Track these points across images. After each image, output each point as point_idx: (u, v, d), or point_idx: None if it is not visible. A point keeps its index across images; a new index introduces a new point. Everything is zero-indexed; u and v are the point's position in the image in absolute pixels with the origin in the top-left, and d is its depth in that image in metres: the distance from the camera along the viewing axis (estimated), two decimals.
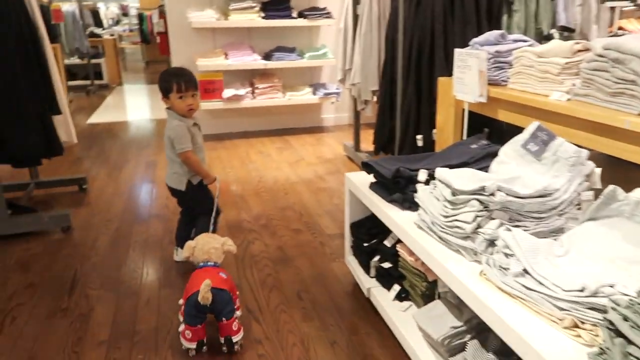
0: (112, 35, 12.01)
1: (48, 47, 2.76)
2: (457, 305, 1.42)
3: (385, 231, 1.76)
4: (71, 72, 8.32)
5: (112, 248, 2.44)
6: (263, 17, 4.35)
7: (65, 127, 2.92)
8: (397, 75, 2.36)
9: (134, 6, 15.07)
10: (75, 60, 8.06)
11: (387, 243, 1.78)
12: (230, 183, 3.38)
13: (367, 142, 4.33)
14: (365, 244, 1.92)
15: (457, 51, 1.93)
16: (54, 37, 6.75)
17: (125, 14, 16.96)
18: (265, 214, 2.85)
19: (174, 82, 1.98)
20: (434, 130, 2.27)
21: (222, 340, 1.63)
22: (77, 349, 1.70)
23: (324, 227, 2.67)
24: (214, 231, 2.02)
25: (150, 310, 1.92)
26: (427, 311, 1.48)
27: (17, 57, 2.34)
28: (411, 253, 1.57)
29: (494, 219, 1.23)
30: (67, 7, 7.22)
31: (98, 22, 9.78)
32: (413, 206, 1.50)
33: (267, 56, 4.55)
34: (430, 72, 2.28)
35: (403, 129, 2.30)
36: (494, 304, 1.08)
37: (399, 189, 1.58)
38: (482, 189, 1.23)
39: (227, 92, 4.37)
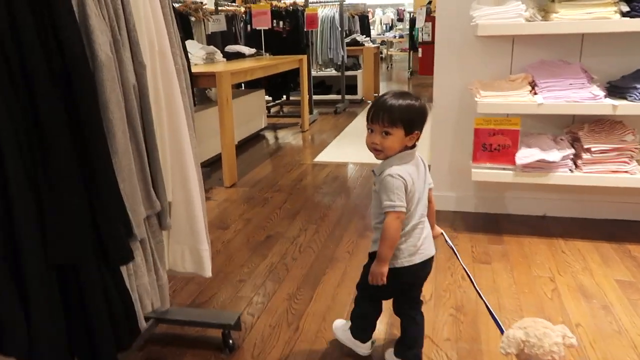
0: (382, 43, 11.17)
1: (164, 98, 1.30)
2: None
3: None
4: (325, 85, 7.45)
5: None
6: (626, 15, 2.17)
7: (191, 244, 1.44)
8: None
9: (410, 11, 14.06)
10: (331, 71, 7.11)
11: None
12: None
13: None
14: None
15: None
16: (304, 47, 5.80)
17: (400, 19, 16.25)
18: None
19: None
20: None
21: None
22: None
23: None
24: None
25: None
26: None
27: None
28: None
29: None
30: (327, 11, 6.21)
31: (364, 29, 8.75)
32: None
33: (614, 89, 2.35)
34: None
35: None
36: None
37: None
38: None
39: (526, 154, 2.35)
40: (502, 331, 1.39)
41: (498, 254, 2.32)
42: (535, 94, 2.33)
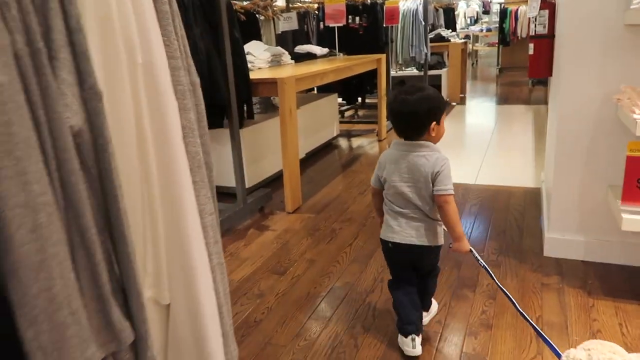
0: (466, 37, 10.25)
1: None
2: None
3: None
4: None
5: None
6: None
7: None
8: None
9: (498, 2, 13.01)
10: (412, 71, 6.43)
11: None
12: None
13: None
14: None
15: None
16: (383, 45, 5.19)
17: (486, 11, 15.15)
18: None
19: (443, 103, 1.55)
20: None
21: None
22: None
23: None
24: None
25: None
26: None
27: None
28: None
29: None
30: (409, 4, 5.54)
31: (449, 23, 7.96)
32: None
33: None
34: None
35: None
36: None
37: None
38: None
39: None
40: (558, 355, 1.26)
41: None
42: None
